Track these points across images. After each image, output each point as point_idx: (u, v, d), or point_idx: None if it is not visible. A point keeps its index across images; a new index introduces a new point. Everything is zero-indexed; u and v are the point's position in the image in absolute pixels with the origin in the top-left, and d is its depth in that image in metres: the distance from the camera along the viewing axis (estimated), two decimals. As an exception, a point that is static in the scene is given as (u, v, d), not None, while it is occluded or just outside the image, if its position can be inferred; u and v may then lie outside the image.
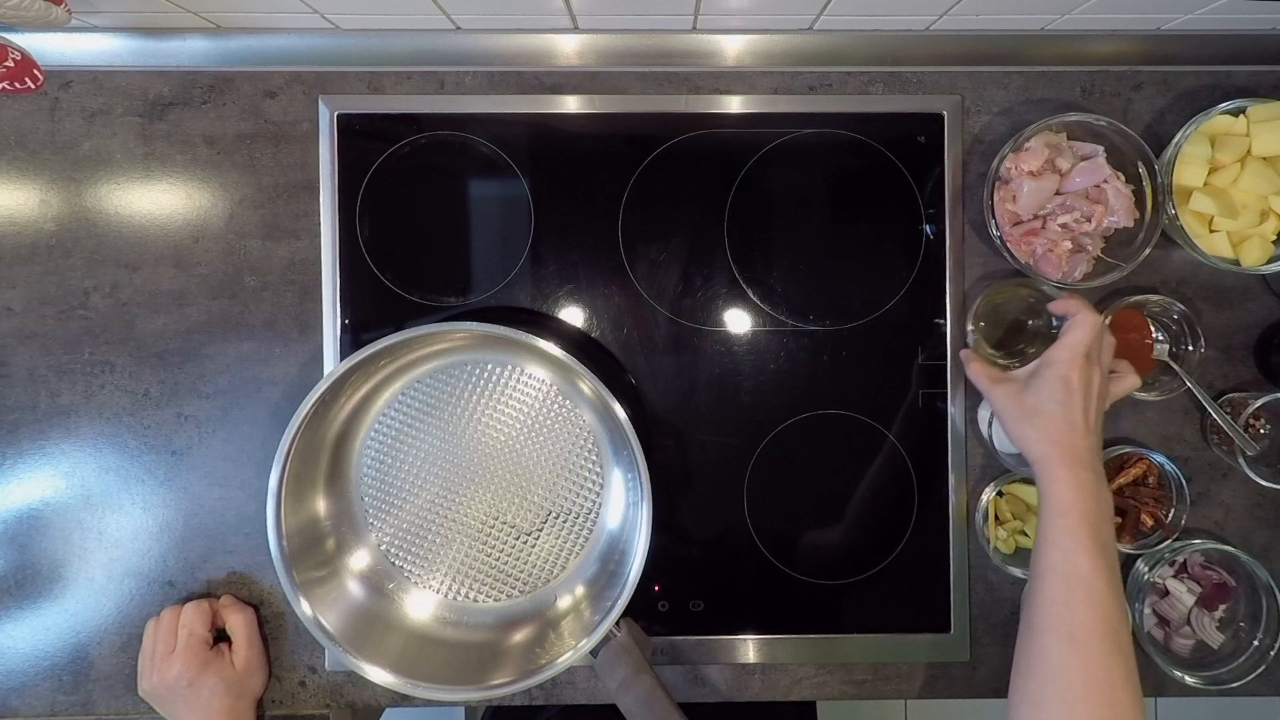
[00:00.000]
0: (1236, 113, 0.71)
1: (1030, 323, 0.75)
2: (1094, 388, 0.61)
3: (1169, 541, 0.72)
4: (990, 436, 0.72)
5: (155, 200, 0.75)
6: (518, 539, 0.74)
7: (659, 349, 0.76)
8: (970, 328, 0.73)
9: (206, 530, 0.75)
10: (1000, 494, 0.75)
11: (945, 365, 0.75)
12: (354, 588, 0.71)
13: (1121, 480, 0.73)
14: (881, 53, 0.75)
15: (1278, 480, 0.72)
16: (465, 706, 1.48)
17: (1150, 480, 0.73)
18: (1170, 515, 0.72)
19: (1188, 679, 0.71)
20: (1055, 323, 0.71)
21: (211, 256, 0.75)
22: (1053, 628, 0.56)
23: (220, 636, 0.72)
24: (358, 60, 0.75)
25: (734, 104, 0.75)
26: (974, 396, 0.76)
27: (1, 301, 0.75)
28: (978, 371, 0.68)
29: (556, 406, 0.73)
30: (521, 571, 0.74)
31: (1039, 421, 0.61)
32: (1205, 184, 0.71)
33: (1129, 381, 0.66)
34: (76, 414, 0.75)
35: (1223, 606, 0.73)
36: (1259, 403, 0.70)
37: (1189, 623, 0.73)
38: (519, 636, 0.71)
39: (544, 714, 0.86)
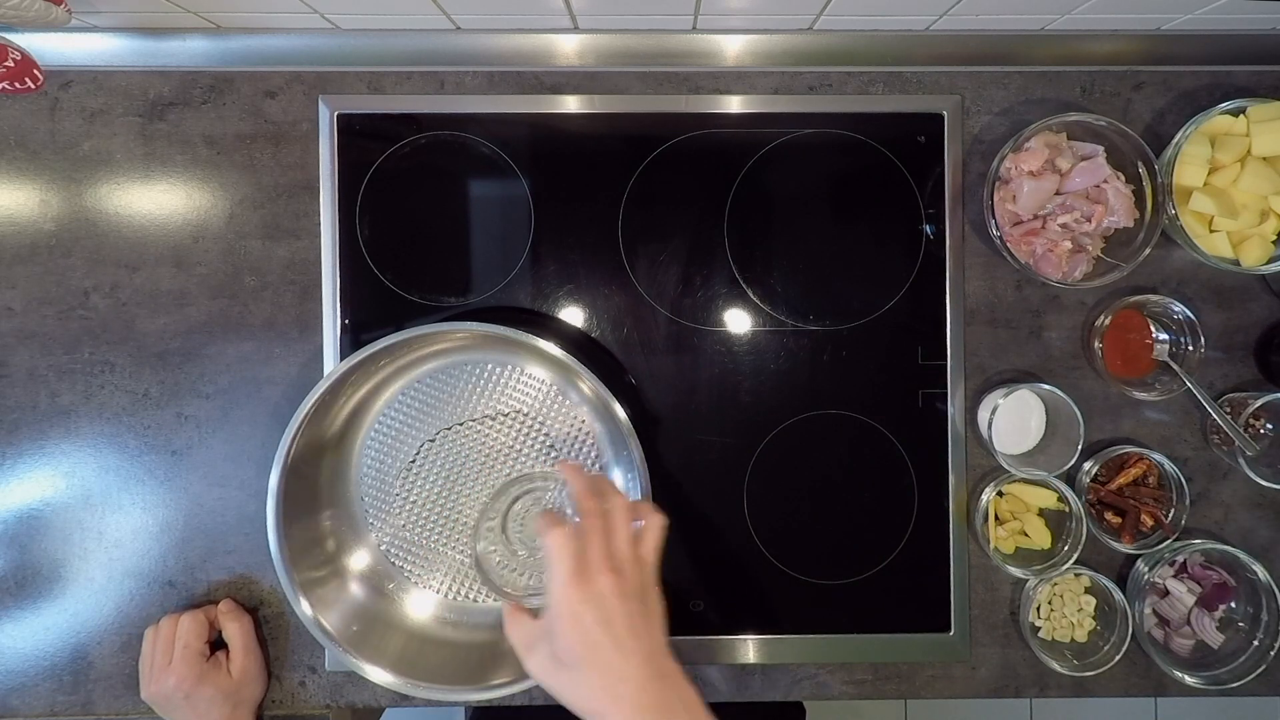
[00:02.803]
0: (1236, 113, 0.71)
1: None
2: (612, 602, 0.50)
3: (1169, 541, 0.72)
4: (990, 437, 0.72)
5: (155, 200, 0.75)
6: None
7: (659, 349, 0.76)
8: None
9: (206, 530, 0.75)
10: (1000, 494, 0.75)
11: (945, 365, 0.75)
12: (354, 588, 0.71)
13: (1121, 480, 0.73)
14: (881, 53, 0.75)
15: (1278, 480, 0.72)
16: (465, 706, 1.48)
17: (1150, 480, 0.74)
18: (1170, 515, 0.72)
19: (1188, 679, 0.71)
20: None
21: (211, 256, 0.75)
22: None
23: (219, 643, 0.72)
24: (358, 60, 0.75)
25: (734, 104, 0.75)
26: (974, 397, 0.76)
27: (1, 301, 0.75)
28: (512, 620, 0.55)
29: (556, 406, 0.73)
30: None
31: (575, 675, 0.50)
32: (1205, 184, 0.71)
33: (655, 521, 0.55)
34: (76, 414, 0.75)
35: (1223, 606, 0.73)
36: (1259, 403, 0.70)
37: (1189, 623, 0.73)
38: (519, 636, 0.71)
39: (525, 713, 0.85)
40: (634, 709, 0.48)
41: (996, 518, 0.75)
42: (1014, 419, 0.74)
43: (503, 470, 0.73)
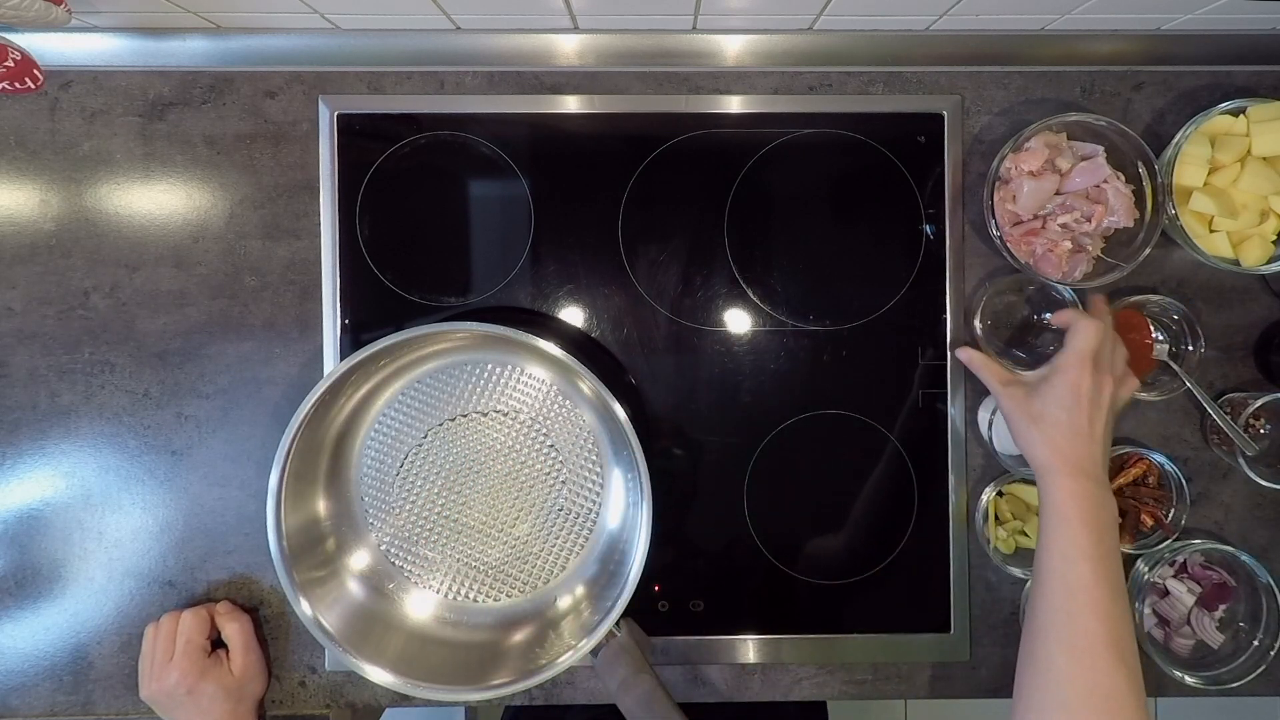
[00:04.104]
0: (1236, 113, 0.71)
1: (1036, 318, 0.75)
2: (1103, 396, 0.61)
3: (1169, 541, 0.72)
4: (990, 437, 0.72)
5: (155, 200, 0.75)
6: (517, 539, 0.74)
7: (659, 349, 0.76)
8: (978, 324, 0.73)
9: (206, 530, 0.75)
10: (1000, 494, 0.75)
11: (945, 365, 0.75)
12: (354, 588, 0.71)
13: (1121, 480, 0.73)
14: (881, 53, 0.75)
15: (1278, 480, 0.72)
16: (465, 706, 1.48)
17: (1150, 480, 0.73)
18: (1170, 515, 0.72)
19: (1188, 679, 0.71)
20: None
21: (211, 256, 0.75)
22: (1056, 637, 0.55)
23: (219, 642, 0.72)
24: (358, 60, 0.75)
25: (734, 104, 0.75)
26: (974, 397, 0.76)
27: (1, 301, 0.75)
28: (986, 370, 0.67)
29: (556, 406, 0.73)
30: (521, 571, 0.74)
31: (1044, 428, 0.60)
32: (1205, 184, 0.71)
33: (1130, 385, 0.66)
34: (76, 414, 0.75)
35: (1223, 606, 0.73)
36: (1259, 403, 0.70)
37: (1189, 623, 0.73)
38: (519, 636, 0.71)
39: (570, 714, 0.85)
40: (1077, 469, 0.58)
41: (996, 518, 0.75)
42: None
43: (503, 470, 0.73)
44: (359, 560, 0.73)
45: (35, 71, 0.63)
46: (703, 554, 0.75)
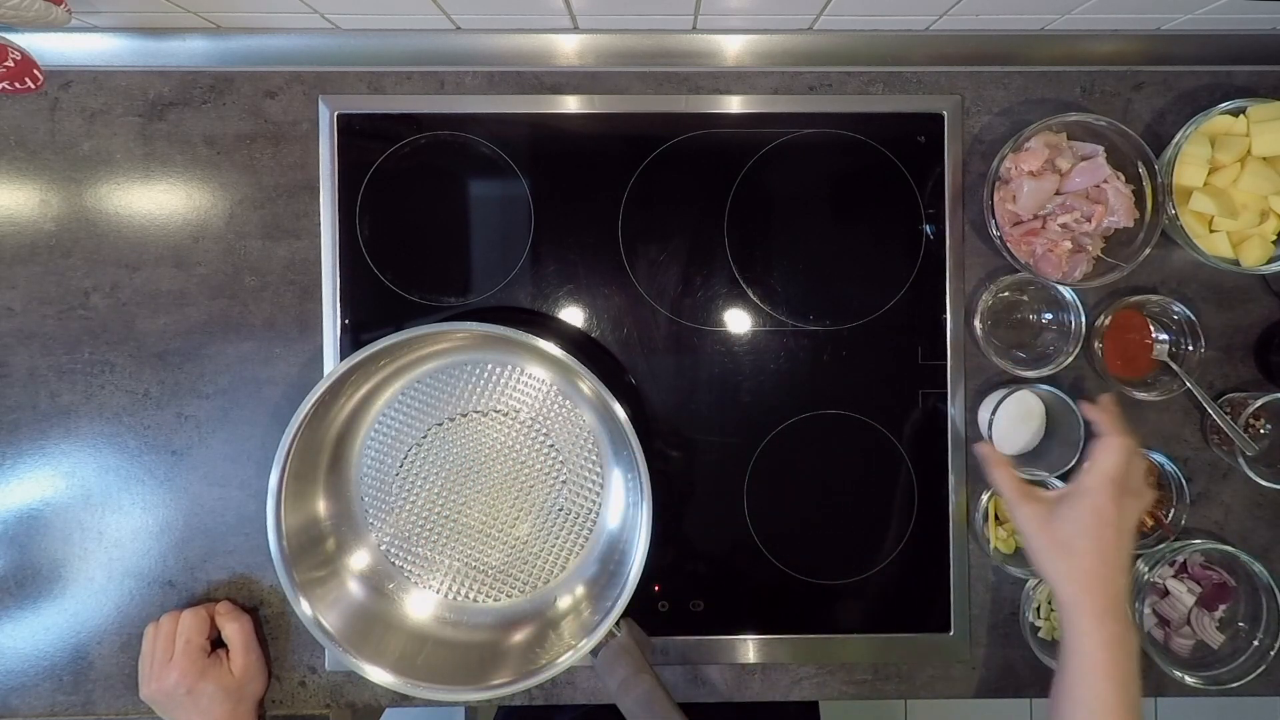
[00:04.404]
0: (1236, 113, 0.71)
1: (1036, 318, 0.75)
2: (1129, 521, 0.58)
3: (1169, 541, 0.72)
4: (990, 437, 0.72)
5: (155, 200, 0.75)
6: (517, 539, 0.74)
7: (659, 349, 0.76)
8: (978, 324, 0.73)
9: (206, 530, 0.75)
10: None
11: (945, 365, 0.75)
12: (354, 588, 0.71)
13: (1121, 480, 0.73)
14: (881, 53, 0.75)
15: (1278, 480, 0.72)
16: (465, 706, 1.48)
17: (1150, 480, 0.73)
18: (1170, 515, 0.72)
19: (1188, 679, 0.71)
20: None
21: (211, 256, 0.75)
22: None
23: (220, 642, 0.72)
24: (358, 60, 0.75)
25: (734, 104, 0.75)
26: (974, 396, 0.76)
27: (1, 301, 0.75)
28: (1002, 479, 0.63)
29: (556, 406, 0.73)
30: (521, 571, 0.74)
31: (1071, 559, 0.57)
32: (1205, 184, 0.71)
33: (1148, 498, 0.63)
34: (76, 414, 0.75)
35: (1223, 606, 0.73)
36: (1259, 403, 0.70)
37: (1189, 623, 0.73)
38: (519, 636, 0.71)
39: (561, 715, 0.86)
40: (1105, 611, 0.56)
41: (996, 518, 0.75)
42: (1014, 420, 0.73)
43: (503, 470, 0.73)
44: (359, 560, 0.73)
45: (35, 71, 0.63)
46: (703, 554, 0.75)
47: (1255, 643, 0.71)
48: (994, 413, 0.71)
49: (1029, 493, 0.62)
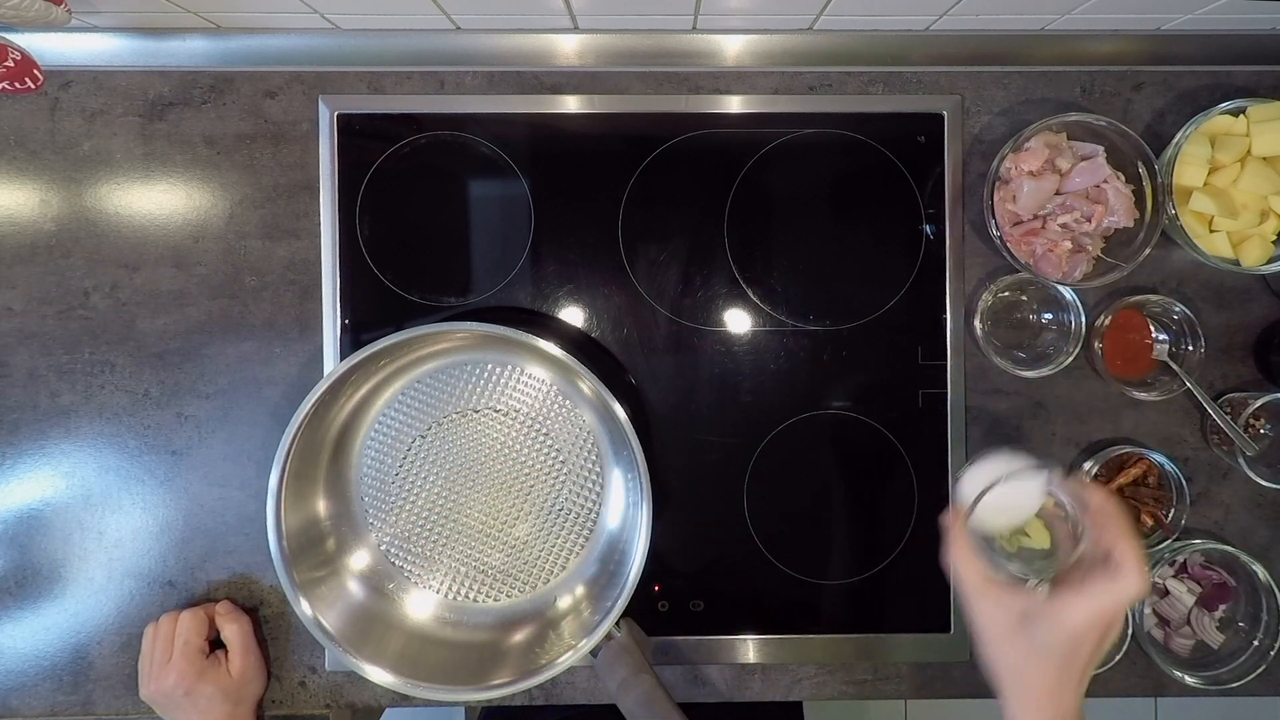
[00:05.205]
0: (1236, 113, 0.71)
1: (1036, 318, 0.75)
2: (1099, 659, 0.51)
3: (1169, 541, 0.72)
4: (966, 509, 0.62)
5: (155, 200, 0.75)
6: (517, 539, 0.74)
7: (659, 349, 0.76)
8: (978, 324, 0.73)
9: (206, 530, 0.75)
10: (1000, 494, 0.75)
11: (945, 365, 0.75)
12: (354, 588, 0.71)
13: (1121, 480, 0.73)
14: (881, 53, 0.75)
15: (1278, 480, 0.72)
16: (465, 706, 1.48)
17: (1150, 480, 0.73)
18: (1170, 515, 0.72)
19: (1188, 679, 0.71)
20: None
21: (211, 256, 0.75)
22: None
23: (219, 643, 0.72)
24: (358, 60, 0.75)
25: (734, 104, 0.75)
26: (974, 396, 0.76)
27: (1, 301, 0.75)
28: (964, 563, 0.53)
29: (556, 406, 0.73)
30: (521, 571, 0.74)
31: (1031, 673, 0.50)
32: (1205, 184, 0.71)
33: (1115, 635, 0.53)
34: (76, 414, 0.75)
35: (1223, 606, 0.73)
36: (1259, 403, 0.70)
37: (1189, 623, 0.73)
38: (519, 636, 0.71)
39: (543, 715, 0.86)
40: None
41: (996, 518, 0.75)
42: (1000, 511, 0.57)
43: (503, 470, 0.73)
44: (359, 560, 0.73)
45: (35, 71, 0.63)
46: (703, 554, 0.75)
47: (1255, 643, 0.71)
48: (980, 495, 0.55)
49: (996, 587, 0.52)
